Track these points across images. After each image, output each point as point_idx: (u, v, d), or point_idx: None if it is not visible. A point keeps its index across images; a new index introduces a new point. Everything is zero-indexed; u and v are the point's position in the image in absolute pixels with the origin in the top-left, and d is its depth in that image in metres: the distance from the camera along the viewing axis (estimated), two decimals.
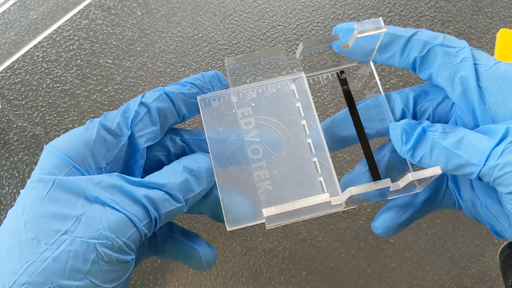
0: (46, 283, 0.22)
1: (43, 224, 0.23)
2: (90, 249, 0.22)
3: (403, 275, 0.38)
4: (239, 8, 0.45)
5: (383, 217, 0.29)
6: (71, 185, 0.24)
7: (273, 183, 0.27)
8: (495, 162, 0.23)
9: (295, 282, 0.37)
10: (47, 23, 0.44)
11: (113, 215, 0.23)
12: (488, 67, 0.25)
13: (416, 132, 0.25)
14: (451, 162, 0.25)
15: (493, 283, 0.38)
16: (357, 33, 0.26)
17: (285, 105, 0.29)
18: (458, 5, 0.45)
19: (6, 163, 0.40)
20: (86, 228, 0.23)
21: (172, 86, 0.28)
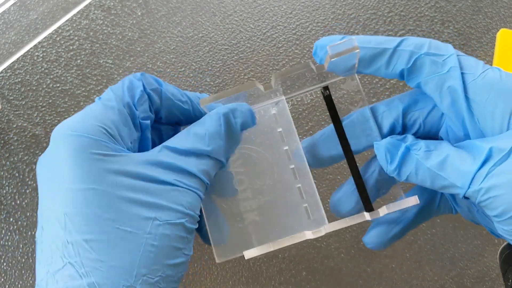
0: (160, 269, 0.23)
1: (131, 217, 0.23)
2: (181, 228, 0.24)
3: (403, 275, 0.38)
4: (239, 8, 0.45)
5: (374, 231, 0.28)
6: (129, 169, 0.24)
7: (260, 213, 0.27)
8: (478, 186, 0.23)
9: (295, 282, 0.37)
10: (47, 23, 0.44)
11: (186, 194, 0.24)
12: (475, 76, 0.24)
13: (399, 151, 0.25)
14: (436, 183, 0.24)
15: (493, 283, 0.38)
16: (329, 57, 0.25)
17: (267, 131, 0.29)
18: (458, 5, 0.45)
19: (6, 163, 0.40)
20: (170, 210, 0.24)
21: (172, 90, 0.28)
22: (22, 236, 0.39)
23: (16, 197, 0.39)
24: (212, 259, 0.38)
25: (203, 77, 0.43)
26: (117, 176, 0.23)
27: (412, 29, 0.44)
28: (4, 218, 0.39)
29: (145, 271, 0.23)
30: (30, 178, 0.40)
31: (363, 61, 0.27)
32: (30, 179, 0.40)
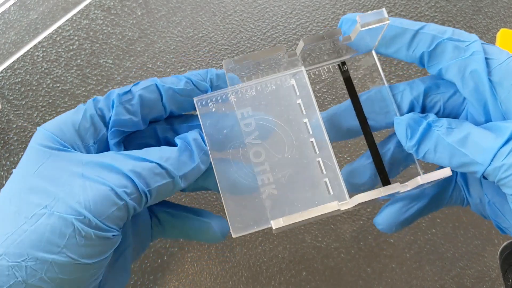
0: (22, 255, 0.22)
1: (25, 199, 0.23)
2: (67, 223, 0.22)
3: (403, 275, 0.38)
4: (239, 8, 0.45)
5: (387, 212, 0.28)
6: (62, 162, 0.24)
7: (278, 187, 0.26)
8: (500, 163, 0.23)
9: (295, 282, 0.37)
10: (47, 23, 0.44)
11: (94, 190, 0.23)
12: (500, 61, 0.25)
13: (421, 127, 0.25)
14: (455, 160, 0.24)
15: (493, 283, 0.38)
16: (359, 26, 0.25)
17: (285, 102, 0.28)
18: (458, 5, 0.45)
19: (6, 163, 0.40)
20: (64, 203, 0.23)
21: (167, 79, 0.27)
22: None
23: None
24: (212, 259, 0.38)
25: None
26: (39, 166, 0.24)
27: None
28: None
29: (3, 251, 0.22)
30: None
31: (384, 40, 0.27)
32: None
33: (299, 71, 0.28)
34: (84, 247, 0.23)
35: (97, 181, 0.23)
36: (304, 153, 0.27)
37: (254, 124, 0.27)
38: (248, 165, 0.27)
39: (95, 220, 0.23)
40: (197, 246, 0.38)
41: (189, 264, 0.38)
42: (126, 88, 0.27)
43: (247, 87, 0.28)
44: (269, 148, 0.27)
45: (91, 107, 0.26)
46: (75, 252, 0.23)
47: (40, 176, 0.24)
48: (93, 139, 0.26)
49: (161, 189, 0.25)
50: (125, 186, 0.24)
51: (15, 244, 0.22)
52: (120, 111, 0.26)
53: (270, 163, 0.27)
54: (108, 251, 0.24)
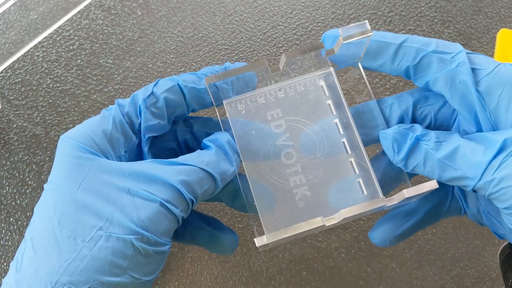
0: (87, 282, 0.22)
1: (77, 221, 0.22)
2: (127, 245, 0.22)
3: (403, 275, 0.38)
4: (239, 8, 0.45)
5: (382, 228, 0.28)
6: (103, 176, 0.23)
7: (310, 188, 0.26)
8: (490, 177, 0.22)
9: (295, 282, 0.37)
10: (47, 23, 0.44)
11: (146, 207, 0.23)
12: (488, 71, 0.24)
13: (408, 141, 0.25)
14: (445, 174, 0.24)
15: (493, 283, 0.38)
16: (342, 39, 0.25)
17: (315, 103, 0.28)
18: (459, 5, 0.45)
19: (6, 162, 0.40)
20: (120, 224, 0.22)
21: (188, 77, 0.27)
22: (22, 236, 0.39)
23: (16, 197, 0.39)
24: (212, 259, 0.38)
25: None
26: (81, 180, 0.23)
27: (412, 29, 0.44)
28: (4, 218, 0.39)
29: (68, 280, 0.21)
30: (30, 178, 0.40)
31: (368, 54, 0.26)
32: (30, 179, 0.40)
33: (328, 71, 0.28)
34: (145, 265, 0.23)
35: (146, 197, 0.23)
36: (336, 154, 0.27)
37: (284, 126, 0.27)
38: (279, 166, 0.27)
39: (153, 237, 0.23)
40: (197, 246, 0.38)
41: (189, 264, 0.38)
42: (148, 89, 0.26)
43: (276, 89, 0.28)
44: (300, 149, 0.27)
45: (119, 115, 0.25)
46: (138, 272, 0.23)
47: (86, 194, 0.23)
48: (124, 148, 0.26)
49: (204, 194, 0.25)
50: (173, 197, 0.23)
51: (79, 272, 0.22)
52: (149, 117, 0.26)
53: (301, 164, 0.27)
54: (162, 264, 0.24)
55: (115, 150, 0.25)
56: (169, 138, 0.28)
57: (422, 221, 0.28)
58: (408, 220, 0.28)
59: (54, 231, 0.22)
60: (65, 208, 0.23)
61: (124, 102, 0.26)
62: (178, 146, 0.28)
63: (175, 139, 0.28)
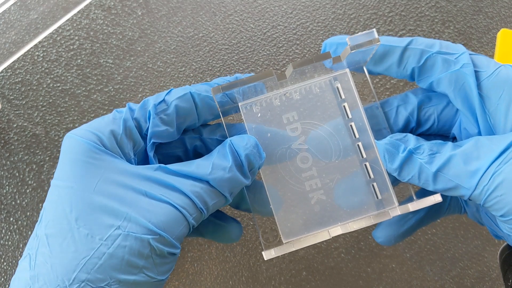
0: (105, 279, 0.22)
1: (95, 219, 0.23)
2: (144, 244, 0.23)
3: (403, 275, 0.38)
4: (240, 8, 0.45)
5: (385, 225, 0.28)
6: (119, 178, 0.24)
7: (326, 192, 0.26)
8: (484, 187, 0.22)
9: (295, 282, 0.37)
10: (47, 22, 0.44)
11: (164, 210, 0.23)
12: (488, 73, 0.24)
13: (401, 154, 0.25)
14: (440, 185, 0.24)
15: (493, 283, 0.38)
16: (349, 48, 0.25)
17: (330, 106, 0.28)
18: (459, 5, 0.45)
19: (6, 162, 0.40)
20: (138, 224, 0.23)
21: (201, 86, 0.27)
22: (22, 236, 0.39)
23: (16, 197, 0.39)
24: (212, 259, 0.38)
25: (204, 77, 0.43)
26: (96, 180, 0.23)
27: (412, 29, 0.44)
28: (4, 217, 0.39)
29: (85, 277, 0.22)
30: (30, 177, 0.40)
31: (374, 58, 0.26)
32: (30, 179, 0.40)
33: (343, 73, 0.28)
34: (159, 265, 0.23)
35: (163, 200, 0.24)
36: (351, 158, 0.27)
37: (300, 129, 0.27)
38: (295, 170, 0.27)
39: (169, 238, 0.23)
40: (197, 246, 0.38)
41: (189, 264, 0.38)
42: (160, 96, 0.26)
43: (291, 91, 0.28)
44: (316, 153, 0.27)
45: (129, 118, 0.26)
46: (153, 271, 0.23)
47: (102, 194, 0.23)
48: (134, 151, 0.26)
49: (215, 206, 0.25)
50: (188, 205, 0.24)
51: (96, 269, 0.22)
52: (156, 122, 0.26)
53: (317, 168, 0.27)
54: (173, 267, 0.25)
55: (124, 152, 0.25)
56: (175, 146, 0.28)
57: (424, 218, 0.28)
58: (410, 218, 0.28)
59: (71, 229, 0.23)
60: (82, 207, 0.23)
61: (135, 107, 0.26)
62: (184, 154, 0.28)
63: (183, 147, 0.28)
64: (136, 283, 0.23)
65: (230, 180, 0.25)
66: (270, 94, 0.28)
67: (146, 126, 0.26)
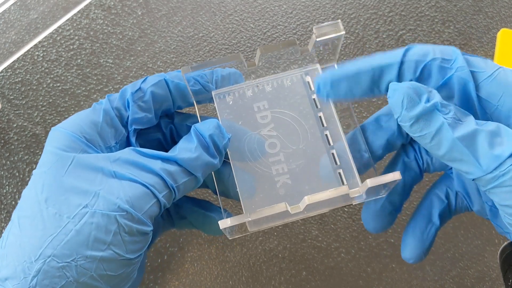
0: (71, 255, 0.22)
1: (64, 200, 0.23)
2: (111, 220, 0.23)
3: (403, 275, 0.38)
4: (240, 7, 0.45)
5: (410, 246, 0.28)
6: (89, 162, 0.24)
7: (292, 177, 0.27)
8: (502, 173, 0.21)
9: (295, 282, 0.37)
10: (47, 22, 0.44)
11: (132, 188, 0.24)
12: (487, 74, 0.24)
13: (423, 103, 0.22)
14: (452, 154, 0.22)
15: (493, 283, 0.38)
16: (315, 36, 0.26)
17: (300, 98, 0.29)
18: (459, 5, 0.45)
19: (6, 162, 0.40)
20: (105, 201, 0.23)
21: (175, 74, 0.28)
22: None
23: (16, 197, 0.39)
24: (212, 259, 0.38)
25: None
26: (70, 165, 0.24)
27: (412, 29, 0.44)
28: (4, 217, 0.39)
29: (51, 252, 0.22)
30: (30, 177, 0.40)
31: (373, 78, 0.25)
32: (30, 179, 0.40)
33: (314, 68, 0.29)
34: (128, 242, 0.23)
35: (131, 179, 0.24)
36: (318, 145, 0.28)
37: (270, 117, 0.28)
38: (263, 155, 0.28)
39: (137, 214, 0.23)
40: (197, 246, 0.38)
41: (189, 264, 0.38)
42: (136, 85, 0.27)
43: (264, 83, 0.29)
44: (284, 139, 0.28)
45: (109, 108, 0.27)
46: (121, 248, 0.23)
47: (72, 177, 0.24)
48: (115, 140, 0.27)
49: (186, 185, 0.26)
50: (157, 183, 0.24)
51: (63, 245, 0.22)
52: (135, 110, 0.27)
53: (284, 154, 0.28)
54: (145, 247, 0.25)
55: (105, 141, 0.26)
56: (154, 130, 0.29)
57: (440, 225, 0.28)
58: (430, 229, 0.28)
59: (40, 209, 0.23)
60: (53, 188, 0.24)
61: (114, 97, 0.27)
62: (163, 137, 0.30)
63: (161, 131, 0.29)
64: (104, 259, 0.23)
65: (197, 159, 0.26)
66: (243, 85, 0.29)
67: (127, 115, 0.27)
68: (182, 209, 0.30)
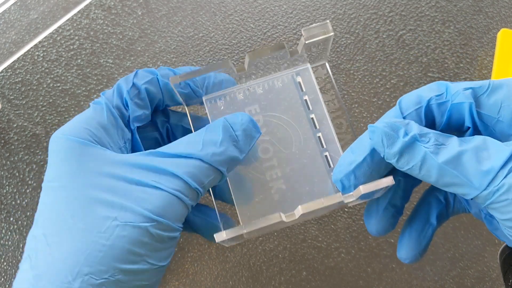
0: (108, 271, 0.22)
1: (90, 213, 0.23)
2: (143, 232, 0.23)
3: (403, 275, 0.38)
4: (240, 8, 0.45)
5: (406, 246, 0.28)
6: (109, 170, 0.24)
7: (286, 182, 0.27)
8: (495, 187, 0.21)
9: (295, 282, 0.37)
10: (47, 22, 0.44)
11: (159, 196, 0.23)
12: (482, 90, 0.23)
13: (402, 138, 0.22)
14: (444, 180, 0.22)
15: (493, 283, 0.38)
16: (304, 39, 0.25)
17: (292, 99, 0.28)
18: (459, 5, 0.45)
19: (6, 162, 0.40)
20: (134, 213, 0.23)
21: (166, 72, 0.28)
22: (22, 236, 0.39)
23: (16, 197, 0.39)
24: (212, 259, 0.38)
25: None
26: (89, 175, 0.23)
27: (412, 29, 0.44)
28: (4, 217, 0.39)
29: (88, 270, 0.22)
30: (30, 177, 0.40)
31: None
32: (30, 179, 0.40)
33: (305, 68, 0.29)
34: (160, 251, 0.23)
35: (156, 187, 0.23)
36: (311, 148, 0.28)
37: (262, 121, 0.28)
38: (256, 160, 0.27)
39: (168, 222, 0.23)
40: (197, 246, 0.38)
41: (189, 264, 0.38)
42: (129, 80, 0.27)
43: (254, 85, 0.29)
44: (277, 143, 0.28)
45: (111, 107, 0.26)
46: (154, 258, 0.23)
47: (95, 188, 0.23)
48: (124, 140, 0.26)
49: (211, 183, 0.25)
50: (182, 187, 0.24)
51: (98, 261, 0.22)
52: (134, 108, 0.27)
53: (278, 159, 0.27)
54: (174, 251, 0.25)
55: (114, 142, 0.26)
56: (151, 129, 0.29)
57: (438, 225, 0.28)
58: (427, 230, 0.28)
59: (68, 226, 0.23)
60: (76, 203, 0.23)
61: (110, 95, 0.27)
62: (160, 137, 0.30)
63: (158, 130, 0.29)
64: (139, 271, 0.23)
65: (223, 154, 0.25)
66: (234, 89, 0.29)
67: (127, 114, 0.27)
68: None
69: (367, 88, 0.42)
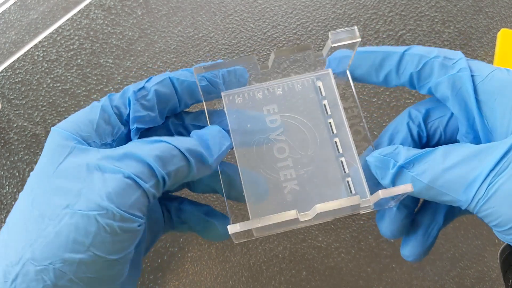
0: (48, 258, 0.22)
1: (47, 200, 0.23)
2: (91, 221, 0.22)
3: (403, 275, 0.38)
4: (240, 7, 0.45)
5: (411, 244, 0.28)
6: (78, 159, 0.24)
7: (300, 183, 0.27)
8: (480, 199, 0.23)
9: (295, 282, 0.37)
10: (47, 22, 0.44)
11: (113, 181, 0.22)
12: (483, 77, 0.24)
13: (390, 170, 0.25)
14: (436, 198, 0.24)
15: (493, 283, 0.38)
16: (330, 42, 0.25)
17: (311, 103, 0.28)
18: (459, 5, 0.45)
19: (6, 162, 0.40)
20: (86, 200, 0.22)
21: (180, 73, 0.28)
22: None
23: (16, 197, 0.39)
24: (212, 259, 0.38)
25: None
26: (60, 164, 0.24)
27: (412, 29, 0.44)
28: (4, 217, 0.39)
29: (30, 256, 0.21)
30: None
31: (374, 66, 0.27)
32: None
33: (326, 73, 0.29)
34: (110, 243, 0.22)
35: (114, 171, 0.23)
36: (327, 152, 0.27)
37: (279, 121, 0.28)
38: (271, 159, 0.27)
39: (119, 211, 0.22)
40: (197, 246, 0.38)
41: (189, 264, 0.38)
42: (140, 84, 0.27)
43: (274, 86, 0.29)
44: (293, 145, 0.28)
45: (107, 105, 0.26)
46: (102, 249, 0.22)
47: (60, 176, 0.23)
48: (112, 137, 0.26)
49: (178, 174, 0.24)
50: (142, 172, 0.23)
51: (41, 248, 0.22)
52: (137, 108, 0.26)
53: (293, 160, 0.27)
54: (133, 244, 0.24)
55: (101, 138, 0.26)
56: (161, 133, 0.28)
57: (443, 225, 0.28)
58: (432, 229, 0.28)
59: (26, 212, 0.23)
60: (39, 189, 0.23)
61: (115, 96, 0.27)
62: None
63: (168, 133, 0.29)
64: (83, 262, 0.22)
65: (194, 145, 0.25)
66: (253, 87, 0.29)
67: (127, 112, 0.26)
68: (183, 213, 0.29)
69: (367, 88, 0.42)
